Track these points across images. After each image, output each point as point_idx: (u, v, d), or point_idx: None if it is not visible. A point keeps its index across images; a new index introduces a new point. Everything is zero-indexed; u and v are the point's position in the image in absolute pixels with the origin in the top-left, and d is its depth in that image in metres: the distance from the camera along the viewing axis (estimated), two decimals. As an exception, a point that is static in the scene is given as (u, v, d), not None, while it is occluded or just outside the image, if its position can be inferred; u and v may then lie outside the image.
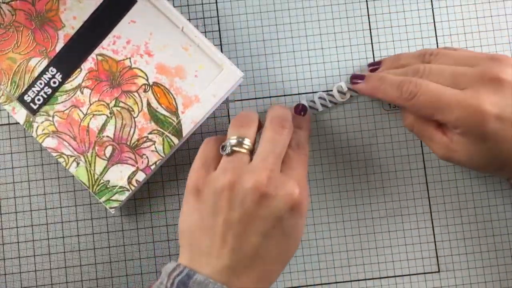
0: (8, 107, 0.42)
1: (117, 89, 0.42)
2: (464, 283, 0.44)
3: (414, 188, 0.45)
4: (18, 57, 0.42)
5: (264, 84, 0.45)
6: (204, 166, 0.38)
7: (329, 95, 0.44)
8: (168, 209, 0.45)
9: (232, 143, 0.38)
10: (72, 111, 0.42)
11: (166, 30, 0.42)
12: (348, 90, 0.44)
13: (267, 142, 0.38)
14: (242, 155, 0.38)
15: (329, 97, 0.44)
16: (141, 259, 0.45)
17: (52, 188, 0.45)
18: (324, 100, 0.44)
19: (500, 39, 0.45)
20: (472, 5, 0.45)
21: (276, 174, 0.37)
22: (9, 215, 0.45)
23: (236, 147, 0.38)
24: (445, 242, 0.44)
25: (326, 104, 0.44)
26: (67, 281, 0.44)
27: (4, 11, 0.43)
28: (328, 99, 0.44)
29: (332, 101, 0.44)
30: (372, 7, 0.45)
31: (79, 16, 0.42)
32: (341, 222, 0.45)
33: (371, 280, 0.44)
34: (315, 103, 0.44)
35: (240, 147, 0.38)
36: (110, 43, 0.42)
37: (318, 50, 0.45)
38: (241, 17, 0.45)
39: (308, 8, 0.45)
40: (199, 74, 0.42)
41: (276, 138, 0.38)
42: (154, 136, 0.42)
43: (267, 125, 0.39)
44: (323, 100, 0.44)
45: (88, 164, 0.42)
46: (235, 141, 0.38)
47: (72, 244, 0.45)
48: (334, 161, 0.45)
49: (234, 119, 0.40)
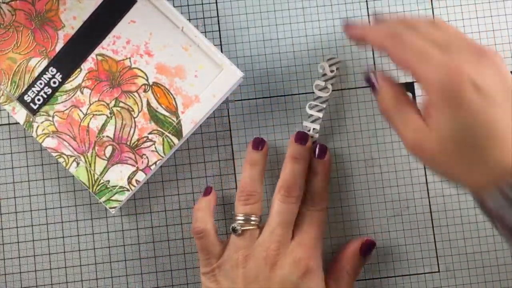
0: (8, 107, 0.42)
1: (117, 89, 0.42)
2: (464, 283, 0.44)
3: (414, 188, 0.45)
4: (18, 57, 0.42)
5: (264, 84, 0.45)
6: (209, 256, 0.41)
7: (315, 99, 0.44)
8: (168, 209, 0.45)
9: (241, 223, 0.40)
10: (72, 111, 0.42)
11: (166, 30, 0.42)
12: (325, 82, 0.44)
13: (275, 214, 0.40)
14: (251, 232, 0.40)
15: (316, 100, 0.44)
16: (141, 259, 0.45)
17: (52, 188, 0.45)
18: (316, 105, 0.44)
19: (500, 39, 0.45)
20: (472, 5, 0.45)
21: (285, 243, 0.39)
22: (9, 215, 0.45)
23: (245, 226, 0.40)
24: (445, 242, 0.44)
25: (321, 107, 0.44)
26: (67, 281, 0.44)
27: (4, 11, 0.43)
28: (318, 102, 0.44)
29: (322, 101, 0.44)
30: (372, 7, 0.45)
31: (79, 16, 0.42)
32: (341, 222, 0.45)
33: (371, 280, 0.44)
34: (313, 115, 0.44)
35: (249, 224, 0.40)
36: (110, 43, 0.42)
37: (318, 50, 0.45)
38: (241, 17, 0.45)
39: (308, 8, 0.45)
40: (199, 74, 0.42)
41: (284, 209, 0.40)
42: (154, 136, 0.42)
43: (276, 192, 0.41)
44: (315, 107, 0.44)
45: (88, 164, 0.42)
46: (243, 220, 0.41)
47: (72, 244, 0.45)
48: (334, 161, 0.45)
49: (240, 194, 0.41)
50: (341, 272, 0.41)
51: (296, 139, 0.43)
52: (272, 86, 0.45)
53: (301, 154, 0.42)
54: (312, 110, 0.44)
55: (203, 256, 0.41)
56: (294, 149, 0.42)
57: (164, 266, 0.45)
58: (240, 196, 0.41)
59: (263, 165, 0.42)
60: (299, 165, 0.42)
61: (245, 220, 0.41)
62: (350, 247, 0.43)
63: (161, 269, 0.45)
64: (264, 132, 0.45)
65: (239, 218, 0.41)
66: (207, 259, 0.41)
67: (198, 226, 0.41)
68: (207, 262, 0.41)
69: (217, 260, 0.41)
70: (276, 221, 0.40)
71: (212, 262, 0.41)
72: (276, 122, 0.45)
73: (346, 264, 0.42)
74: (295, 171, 0.41)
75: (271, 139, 0.45)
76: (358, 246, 0.42)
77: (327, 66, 0.44)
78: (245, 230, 0.40)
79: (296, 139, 0.43)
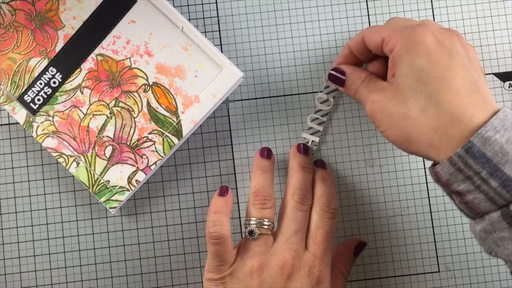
0: (8, 107, 0.42)
1: (117, 89, 0.42)
2: (464, 283, 0.44)
3: (414, 188, 0.45)
4: (18, 57, 0.42)
5: (264, 84, 0.45)
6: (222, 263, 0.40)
7: (316, 111, 0.44)
8: (168, 209, 0.45)
9: (255, 226, 0.40)
10: (72, 111, 0.42)
11: (166, 30, 0.42)
12: (327, 94, 0.44)
13: (289, 220, 0.40)
14: (267, 238, 0.40)
15: (317, 113, 0.44)
16: (141, 259, 0.45)
17: (52, 188, 0.45)
18: (317, 118, 0.44)
19: (500, 39, 0.45)
20: (472, 5, 0.45)
21: (300, 252, 0.39)
22: (9, 215, 0.45)
23: (260, 229, 0.40)
24: (445, 242, 0.44)
25: (321, 121, 0.44)
26: (67, 281, 0.44)
27: (4, 11, 0.43)
28: (319, 115, 0.44)
29: (323, 114, 0.44)
30: (372, 7, 0.45)
31: (79, 16, 0.42)
32: (341, 222, 0.45)
33: (371, 280, 0.44)
34: (313, 127, 0.44)
35: (263, 229, 0.40)
36: (110, 43, 0.42)
37: (318, 50, 0.45)
38: (241, 17, 0.45)
39: (308, 8, 0.45)
40: (199, 74, 0.42)
41: (299, 216, 0.40)
42: (154, 136, 0.42)
43: (289, 199, 0.41)
44: (316, 120, 0.44)
45: (88, 164, 0.42)
46: (257, 223, 0.40)
47: (72, 244, 0.45)
48: (334, 161, 0.45)
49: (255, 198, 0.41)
50: (336, 273, 0.41)
51: (300, 150, 0.43)
52: (272, 86, 0.45)
53: (308, 164, 0.43)
54: (313, 122, 0.44)
55: (215, 262, 0.39)
56: (301, 158, 0.42)
57: (164, 266, 0.45)
58: (256, 200, 0.40)
59: (272, 172, 0.42)
60: (308, 173, 0.42)
61: (259, 224, 0.40)
62: (344, 249, 0.43)
63: (161, 269, 0.45)
64: (264, 132, 0.45)
65: (252, 222, 0.40)
66: (219, 265, 0.39)
67: (216, 231, 0.39)
68: (218, 269, 0.39)
69: (229, 267, 0.39)
70: (291, 228, 0.40)
71: (223, 269, 0.39)
72: (276, 122, 0.45)
73: (341, 266, 0.42)
74: (306, 179, 0.41)
75: (271, 139, 0.45)
76: (352, 248, 0.43)
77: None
78: (260, 235, 0.40)
79: (300, 150, 0.43)
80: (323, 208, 0.40)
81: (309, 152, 0.43)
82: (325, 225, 0.40)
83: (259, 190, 0.41)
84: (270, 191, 0.41)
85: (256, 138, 0.45)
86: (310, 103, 0.45)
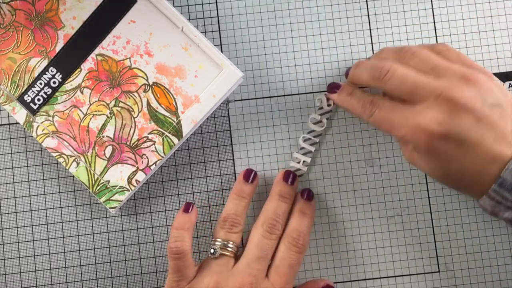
0: (8, 107, 0.42)
1: (117, 89, 0.42)
2: (464, 283, 0.44)
3: (414, 188, 0.45)
4: (18, 57, 0.42)
5: (264, 84, 0.45)
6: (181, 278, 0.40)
7: (309, 132, 0.44)
8: (168, 209, 0.45)
9: (219, 247, 0.40)
10: (72, 111, 0.42)
11: (166, 30, 0.42)
12: (321, 116, 0.44)
13: (254, 247, 0.40)
14: (228, 259, 0.40)
15: (310, 134, 0.44)
16: (141, 259, 0.45)
17: (52, 188, 0.45)
18: (309, 138, 0.44)
19: (500, 39, 0.45)
20: (472, 5, 0.45)
21: (259, 279, 0.39)
22: (9, 215, 0.45)
23: (222, 250, 0.40)
24: (445, 242, 0.44)
25: (314, 141, 0.44)
26: (67, 281, 0.44)
27: (4, 11, 0.43)
28: (312, 136, 0.44)
29: (315, 135, 0.44)
30: (372, 7, 0.45)
31: (79, 16, 0.42)
32: (341, 222, 0.45)
33: (371, 280, 0.44)
34: (305, 148, 0.44)
35: (226, 250, 0.40)
36: (110, 43, 0.42)
37: (318, 50, 0.45)
38: (241, 17, 0.45)
39: (308, 8, 0.45)
40: (199, 74, 0.42)
41: (264, 244, 0.40)
42: (154, 136, 0.42)
43: (259, 226, 0.41)
44: (308, 140, 0.44)
45: (88, 164, 0.42)
46: (221, 244, 0.41)
47: (72, 244, 0.45)
48: (334, 161, 0.45)
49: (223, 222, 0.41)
50: None
51: (285, 178, 0.43)
52: (272, 86, 0.45)
53: (289, 194, 0.42)
54: (305, 143, 0.44)
55: (174, 277, 0.40)
56: (282, 187, 0.42)
57: (163, 266, 0.45)
58: (224, 224, 0.41)
59: (250, 199, 0.42)
60: (285, 204, 0.42)
61: (223, 246, 0.40)
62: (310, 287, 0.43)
63: (161, 269, 0.45)
64: (264, 132, 0.45)
65: (218, 242, 0.41)
66: (177, 280, 0.40)
67: (177, 247, 0.40)
68: (177, 284, 0.40)
69: (188, 283, 0.40)
70: (255, 254, 0.40)
71: (181, 285, 0.40)
72: (276, 122, 0.45)
73: None
74: (281, 209, 0.42)
75: (271, 139, 0.45)
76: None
77: (324, 99, 0.44)
78: (222, 255, 0.40)
79: (285, 178, 0.43)
80: (291, 242, 0.40)
81: (294, 182, 0.43)
82: (290, 258, 0.40)
83: (229, 216, 0.41)
84: (239, 219, 0.41)
85: (256, 138, 0.45)
86: (310, 103, 0.45)
